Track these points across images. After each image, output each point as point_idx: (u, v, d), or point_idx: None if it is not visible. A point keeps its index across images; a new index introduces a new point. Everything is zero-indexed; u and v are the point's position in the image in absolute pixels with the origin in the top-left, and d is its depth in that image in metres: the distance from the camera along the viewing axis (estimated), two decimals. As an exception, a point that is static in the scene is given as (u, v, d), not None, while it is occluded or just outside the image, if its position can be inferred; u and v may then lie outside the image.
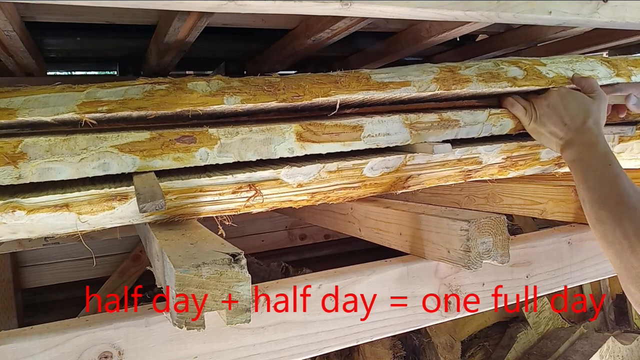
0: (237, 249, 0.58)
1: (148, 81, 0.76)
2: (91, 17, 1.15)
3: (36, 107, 0.69)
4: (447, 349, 1.87)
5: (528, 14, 0.83)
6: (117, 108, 0.71)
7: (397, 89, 0.86)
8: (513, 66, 0.98)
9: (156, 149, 0.73)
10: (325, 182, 0.84)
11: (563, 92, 0.95)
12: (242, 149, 0.78)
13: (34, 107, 0.69)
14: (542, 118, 0.94)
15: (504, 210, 1.08)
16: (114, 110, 0.71)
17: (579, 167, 0.86)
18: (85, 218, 0.70)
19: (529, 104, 0.97)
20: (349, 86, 0.83)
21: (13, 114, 0.68)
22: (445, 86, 0.89)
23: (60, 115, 0.69)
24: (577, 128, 0.90)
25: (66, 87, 0.72)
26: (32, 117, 0.68)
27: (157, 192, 0.63)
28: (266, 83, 0.80)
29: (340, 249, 2.27)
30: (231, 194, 0.77)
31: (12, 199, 0.66)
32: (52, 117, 0.69)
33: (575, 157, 0.88)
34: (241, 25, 1.28)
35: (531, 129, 0.96)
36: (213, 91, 0.77)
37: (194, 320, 0.55)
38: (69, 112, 0.69)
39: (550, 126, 0.93)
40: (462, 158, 0.93)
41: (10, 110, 0.68)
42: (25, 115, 0.68)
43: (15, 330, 0.63)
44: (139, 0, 0.67)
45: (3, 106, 0.68)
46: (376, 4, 0.73)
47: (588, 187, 0.83)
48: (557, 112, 0.93)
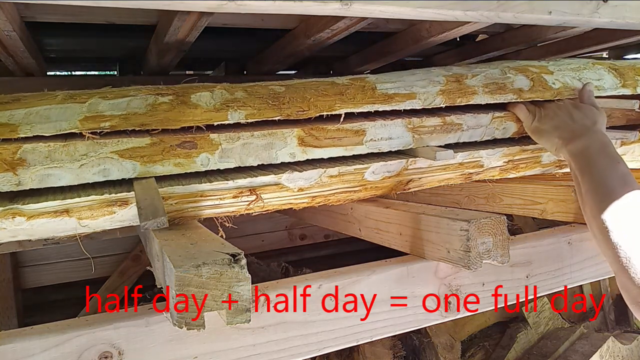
0: (237, 249, 0.58)
1: (150, 91, 0.74)
2: (91, 17, 1.15)
3: (38, 122, 0.67)
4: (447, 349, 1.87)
5: (528, 14, 0.83)
6: (120, 124, 0.70)
7: (403, 102, 0.86)
8: (520, 75, 0.97)
9: (157, 155, 0.72)
10: (326, 186, 0.84)
11: (572, 100, 0.97)
12: (244, 154, 0.77)
13: (35, 123, 0.67)
14: (546, 117, 0.94)
15: (504, 210, 1.08)
16: (117, 127, 0.70)
17: (586, 156, 0.85)
18: (86, 222, 0.70)
19: (533, 106, 0.97)
20: (354, 99, 0.83)
21: (15, 131, 0.66)
22: (451, 99, 0.89)
23: (62, 131, 0.68)
24: (587, 127, 0.90)
25: (67, 96, 0.71)
26: (34, 133, 0.67)
27: (159, 207, 0.62)
28: (270, 95, 0.79)
29: (340, 249, 2.27)
30: (232, 198, 0.77)
31: (12, 206, 0.66)
32: (54, 133, 0.68)
33: (583, 149, 0.86)
34: (241, 25, 1.28)
35: (533, 128, 0.95)
36: (217, 105, 0.75)
37: (194, 320, 0.55)
38: (72, 128, 0.68)
39: (557, 121, 0.92)
40: (463, 162, 0.93)
41: (12, 126, 0.66)
42: (27, 132, 0.67)
43: (15, 330, 0.63)
44: (139, 0, 0.67)
45: (4, 121, 0.67)
46: (376, 4, 0.73)
47: (591, 180, 0.82)
48: (566, 111, 0.93)
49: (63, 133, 0.69)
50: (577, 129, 0.90)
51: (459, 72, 0.94)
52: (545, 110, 0.95)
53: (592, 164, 0.84)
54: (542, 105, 0.96)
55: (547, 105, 0.96)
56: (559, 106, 0.95)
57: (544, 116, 0.94)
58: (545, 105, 0.96)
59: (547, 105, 0.96)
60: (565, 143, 0.90)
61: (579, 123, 0.91)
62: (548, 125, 0.93)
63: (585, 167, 0.85)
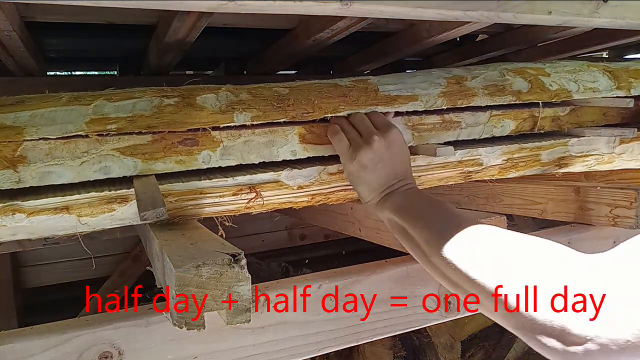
0: (237, 249, 0.59)
1: (156, 93, 0.74)
2: (91, 17, 1.15)
3: (43, 124, 0.67)
4: (447, 349, 1.87)
5: (528, 14, 0.83)
6: (126, 126, 0.70)
7: (405, 104, 0.87)
8: (518, 77, 0.98)
9: (158, 152, 0.72)
10: (326, 184, 0.84)
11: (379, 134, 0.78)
12: (245, 152, 0.77)
13: (41, 125, 0.67)
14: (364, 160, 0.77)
15: (504, 210, 1.08)
16: (123, 129, 0.70)
17: (414, 206, 0.73)
18: (85, 220, 0.70)
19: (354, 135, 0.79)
20: (358, 100, 0.83)
21: (21, 134, 0.66)
22: (452, 101, 0.90)
23: (68, 134, 0.68)
24: (406, 171, 0.79)
25: (72, 98, 0.70)
26: (40, 136, 0.66)
27: (158, 199, 0.62)
28: (275, 97, 0.79)
29: (340, 249, 2.26)
30: (232, 196, 0.77)
31: (12, 202, 0.66)
32: (59, 135, 0.67)
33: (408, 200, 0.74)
34: (241, 25, 1.28)
35: (348, 171, 0.80)
36: (223, 107, 0.75)
37: (194, 320, 0.55)
38: (78, 130, 0.68)
39: (379, 172, 0.77)
40: (462, 160, 0.93)
41: (17, 129, 0.66)
42: (33, 135, 0.66)
43: (15, 330, 0.63)
44: (139, 0, 0.67)
45: (9, 123, 0.66)
46: (376, 4, 0.73)
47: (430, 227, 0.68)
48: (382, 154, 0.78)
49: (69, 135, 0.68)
50: (398, 175, 0.78)
51: (458, 73, 0.95)
52: (362, 152, 0.77)
53: (421, 211, 0.72)
54: (359, 144, 0.78)
55: (363, 145, 0.77)
56: (374, 150, 0.77)
57: (362, 159, 0.77)
58: (361, 143, 0.78)
59: (363, 145, 0.77)
60: (387, 198, 0.77)
61: (400, 169, 0.78)
62: (367, 173, 0.78)
63: (417, 218, 0.71)
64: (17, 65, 1.26)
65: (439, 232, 0.66)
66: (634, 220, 0.91)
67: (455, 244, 0.63)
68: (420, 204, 0.73)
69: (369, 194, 0.79)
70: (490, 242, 0.62)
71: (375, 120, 0.81)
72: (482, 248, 0.61)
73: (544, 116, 1.01)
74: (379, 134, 0.78)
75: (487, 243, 0.61)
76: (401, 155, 0.80)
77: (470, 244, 0.62)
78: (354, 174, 0.79)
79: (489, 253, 0.60)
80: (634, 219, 0.91)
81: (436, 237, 0.66)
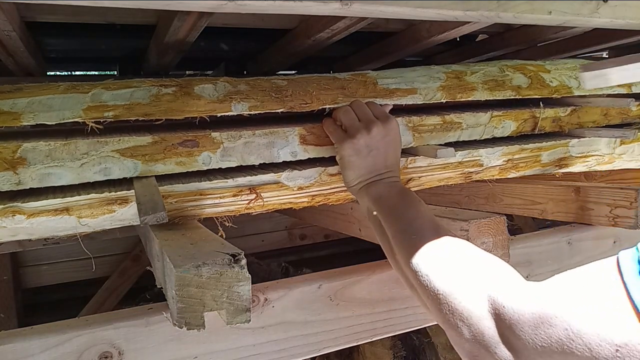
0: (237, 249, 0.58)
1: (154, 83, 0.74)
2: (91, 17, 1.15)
3: (40, 110, 0.67)
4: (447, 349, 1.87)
5: (528, 14, 0.83)
6: (123, 113, 0.70)
7: (404, 97, 0.87)
8: (518, 72, 0.98)
9: (158, 154, 0.72)
10: (326, 185, 0.84)
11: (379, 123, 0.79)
12: (245, 153, 0.77)
13: (38, 111, 0.67)
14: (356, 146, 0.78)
15: (504, 210, 1.08)
16: (120, 116, 0.70)
17: (390, 199, 0.74)
18: (86, 221, 0.69)
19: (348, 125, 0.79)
20: (356, 92, 0.83)
21: (18, 119, 0.66)
22: (451, 95, 0.90)
23: (65, 120, 0.68)
24: (394, 164, 0.80)
25: (70, 86, 0.71)
26: (37, 121, 0.67)
27: (159, 203, 0.62)
28: (273, 88, 0.79)
29: (340, 249, 2.26)
30: (232, 197, 0.77)
31: (12, 204, 0.65)
32: (57, 122, 0.68)
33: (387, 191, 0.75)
34: (241, 25, 1.28)
35: (341, 156, 0.80)
36: (220, 97, 0.76)
37: (194, 320, 0.55)
38: (75, 117, 0.68)
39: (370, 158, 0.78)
40: (463, 160, 0.93)
41: (14, 114, 0.66)
42: (30, 120, 0.66)
43: (15, 330, 0.63)
44: (139, 0, 0.67)
45: (6, 109, 0.66)
46: (376, 4, 0.73)
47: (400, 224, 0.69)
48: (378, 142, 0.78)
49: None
50: (388, 166, 0.78)
51: (458, 69, 0.95)
52: (359, 135, 0.77)
53: (396, 206, 0.72)
54: (358, 128, 0.78)
55: (361, 130, 0.78)
56: (372, 136, 0.77)
57: (358, 143, 0.77)
58: (360, 128, 0.78)
59: (362, 129, 0.78)
60: (370, 185, 0.77)
61: (390, 160, 0.78)
62: (359, 158, 0.78)
63: (390, 212, 0.72)
64: (17, 65, 1.26)
65: (404, 232, 0.67)
66: (634, 220, 0.91)
67: (413, 248, 0.64)
68: (396, 199, 0.74)
69: (355, 179, 0.79)
70: (445, 252, 0.63)
71: (374, 110, 0.81)
72: (436, 256, 0.62)
73: (544, 117, 1.01)
74: (378, 121, 0.79)
75: (442, 252, 0.63)
76: (394, 147, 0.80)
77: (427, 252, 0.63)
78: (345, 158, 0.79)
79: (440, 262, 0.61)
80: (634, 219, 0.91)
81: (401, 236, 0.67)
